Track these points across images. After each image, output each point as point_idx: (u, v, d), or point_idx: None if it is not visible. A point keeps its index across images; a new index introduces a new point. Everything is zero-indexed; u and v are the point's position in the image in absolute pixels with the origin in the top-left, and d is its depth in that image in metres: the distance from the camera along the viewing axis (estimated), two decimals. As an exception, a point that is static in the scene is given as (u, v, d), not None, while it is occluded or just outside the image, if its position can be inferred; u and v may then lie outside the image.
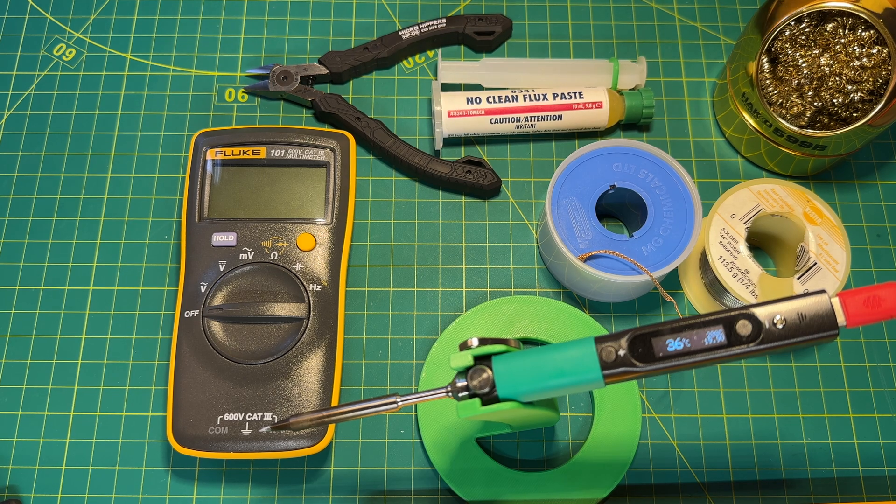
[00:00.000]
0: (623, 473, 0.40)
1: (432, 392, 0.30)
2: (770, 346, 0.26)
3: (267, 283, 0.41)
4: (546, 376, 0.28)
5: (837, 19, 0.41)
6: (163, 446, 0.41)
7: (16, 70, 0.49)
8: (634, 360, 0.26)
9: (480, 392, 0.28)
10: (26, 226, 0.46)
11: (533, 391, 0.28)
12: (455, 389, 0.29)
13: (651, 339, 0.26)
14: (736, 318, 0.26)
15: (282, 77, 0.48)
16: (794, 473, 0.41)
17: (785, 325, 0.25)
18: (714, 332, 0.26)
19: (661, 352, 0.26)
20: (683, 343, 0.26)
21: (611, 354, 0.27)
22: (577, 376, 0.27)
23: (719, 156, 0.48)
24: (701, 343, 0.26)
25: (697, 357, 0.26)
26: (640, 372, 0.26)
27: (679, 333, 0.26)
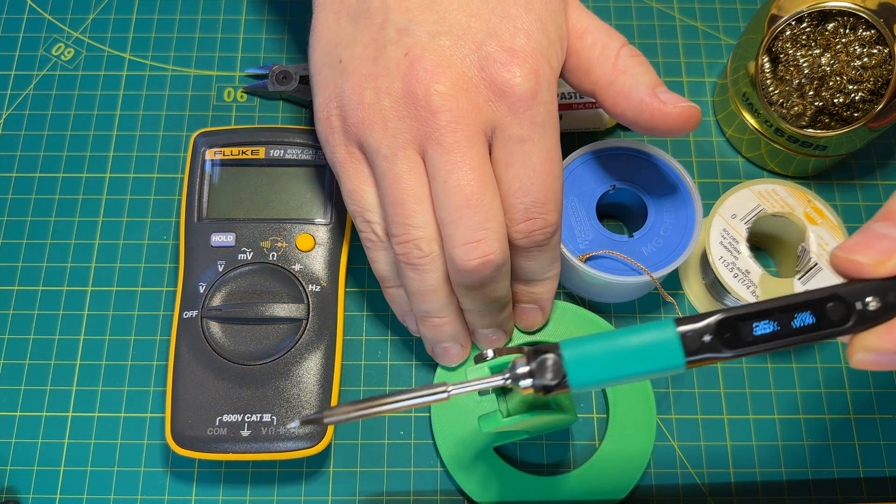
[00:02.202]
0: (641, 472, 0.40)
1: (487, 380, 0.28)
2: (864, 328, 0.24)
3: (266, 283, 0.40)
4: (623, 364, 0.26)
5: (838, 19, 0.41)
6: (161, 447, 0.41)
7: (14, 70, 0.49)
8: (722, 346, 0.24)
9: (548, 382, 0.26)
10: (24, 226, 0.46)
11: (608, 380, 0.26)
12: (516, 376, 0.27)
13: (739, 323, 0.24)
14: (824, 300, 0.24)
15: (281, 77, 0.48)
16: (795, 474, 0.41)
17: (880, 306, 0.24)
18: (802, 315, 0.24)
19: (749, 336, 0.24)
20: (772, 326, 0.24)
21: (695, 341, 0.25)
22: (658, 363, 0.25)
23: (720, 156, 0.48)
24: (790, 326, 0.24)
25: (788, 339, 0.24)
26: (726, 358, 0.25)
27: (767, 316, 0.24)
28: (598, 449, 0.41)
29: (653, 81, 0.36)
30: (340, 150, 0.36)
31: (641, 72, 0.36)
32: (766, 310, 0.24)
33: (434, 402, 0.27)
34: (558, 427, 0.37)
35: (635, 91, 0.36)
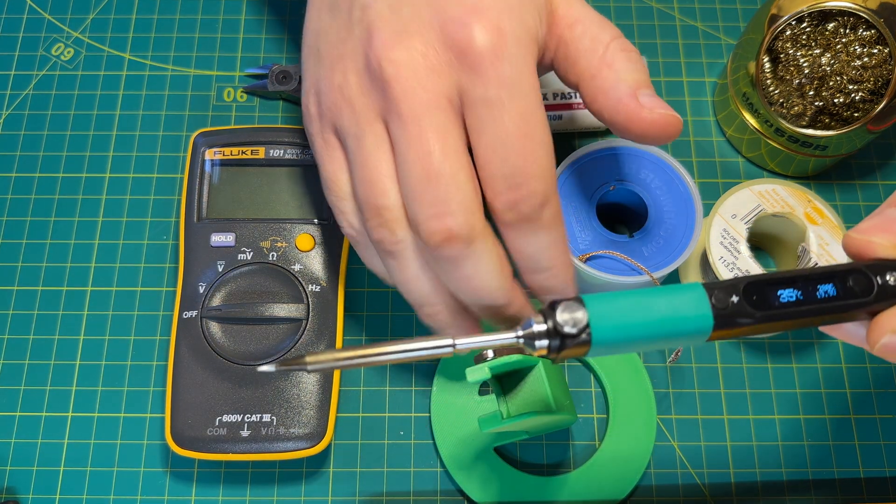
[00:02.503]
0: (641, 472, 0.40)
1: (498, 337, 0.25)
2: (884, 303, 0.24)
3: (266, 283, 0.40)
4: (650, 322, 0.24)
5: (838, 19, 0.41)
6: (161, 447, 0.41)
7: (14, 70, 0.49)
8: (750, 306, 0.24)
9: (568, 331, 0.24)
10: (24, 226, 0.46)
11: (632, 338, 0.24)
12: (532, 335, 0.24)
13: (765, 288, 0.24)
14: (846, 273, 0.24)
15: (281, 77, 0.47)
16: (795, 475, 0.41)
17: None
18: (826, 286, 0.24)
19: (776, 301, 0.24)
20: (796, 295, 0.24)
21: (723, 300, 0.24)
22: (686, 323, 0.24)
23: (720, 156, 0.48)
24: (813, 296, 0.24)
25: (811, 308, 0.24)
26: (753, 322, 0.24)
27: (791, 284, 0.24)
28: (598, 449, 0.40)
29: (637, 81, 0.33)
30: (318, 138, 0.35)
31: (628, 68, 0.33)
32: (790, 278, 0.24)
33: (437, 355, 0.24)
34: (558, 427, 0.37)
35: (615, 88, 0.33)
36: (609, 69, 0.33)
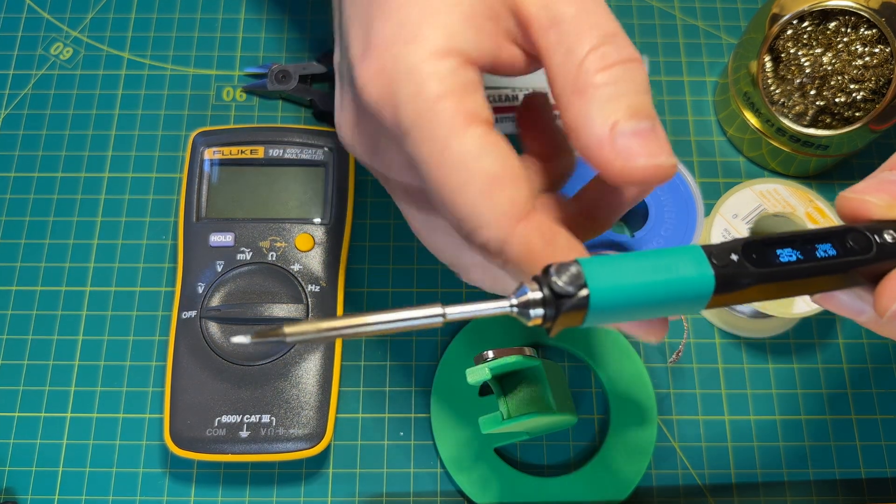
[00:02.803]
0: (642, 473, 0.40)
1: (490, 305, 0.22)
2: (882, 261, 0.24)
3: (265, 283, 0.40)
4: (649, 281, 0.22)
5: (840, 18, 0.41)
6: (160, 448, 0.41)
7: (12, 69, 0.49)
8: (749, 264, 0.23)
9: (565, 291, 0.22)
10: (23, 226, 0.45)
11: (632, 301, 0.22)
12: (526, 303, 0.22)
13: (764, 248, 0.23)
14: (844, 232, 0.24)
15: (280, 76, 0.47)
16: (797, 475, 0.41)
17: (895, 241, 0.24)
18: (825, 246, 0.24)
19: (775, 260, 0.23)
20: (796, 255, 0.23)
21: (722, 258, 0.23)
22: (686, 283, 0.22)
23: (721, 155, 0.48)
24: (813, 255, 0.23)
25: (810, 266, 0.23)
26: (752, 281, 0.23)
27: (790, 244, 0.23)
28: (598, 450, 0.40)
29: (614, 113, 0.24)
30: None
31: (606, 95, 0.25)
32: (788, 238, 0.24)
33: (427, 325, 0.22)
34: (559, 428, 0.37)
35: (585, 127, 0.25)
36: (580, 98, 0.25)
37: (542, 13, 0.26)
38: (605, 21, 0.26)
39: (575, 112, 0.25)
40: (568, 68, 0.25)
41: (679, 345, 0.41)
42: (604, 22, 0.25)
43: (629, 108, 0.24)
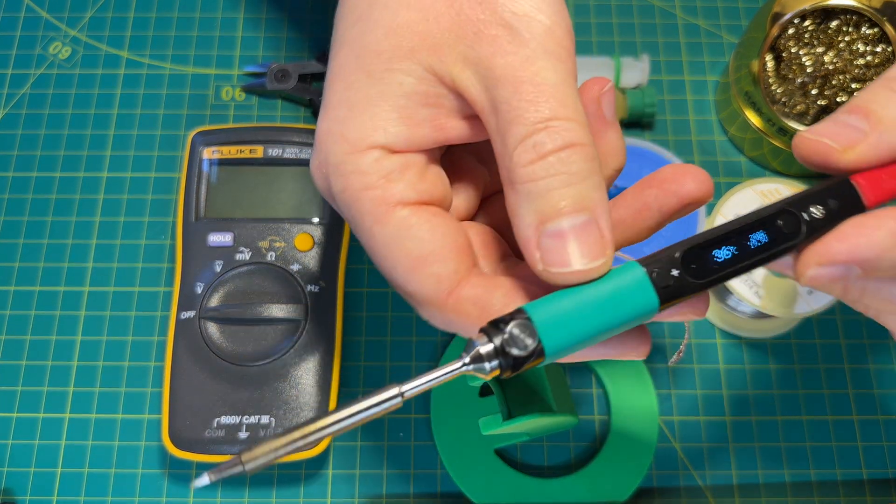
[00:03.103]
0: (643, 474, 0.40)
1: (443, 371, 0.22)
2: (814, 238, 0.24)
3: (264, 283, 0.40)
4: (597, 317, 0.23)
5: (841, 17, 0.41)
6: (159, 449, 0.41)
7: (11, 69, 0.49)
8: (690, 277, 0.23)
9: (518, 354, 0.22)
10: (21, 226, 0.45)
11: (585, 338, 0.23)
12: (479, 357, 0.22)
13: (701, 252, 0.24)
14: (774, 216, 0.24)
15: (280, 75, 0.47)
16: (798, 476, 0.41)
17: (824, 214, 0.24)
18: (756, 235, 0.24)
19: (712, 263, 0.24)
20: (731, 251, 0.24)
21: (664, 277, 0.23)
22: (633, 310, 0.23)
23: (722, 155, 0.47)
24: (747, 247, 0.24)
25: (747, 262, 0.24)
26: (696, 289, 0.23)
27: (725, 242, 0.24)
28: (599, 451, 0.40)
29: (542, 209, 0.23)
30: None
31: (533, 191, 0.23)
32: (722, 235, 0.24)
33: (387, 409, 0.22)
34: (559, 429, 0.37)
35: (516, 223, 0.24)
36: (511, 191, 0.24)
37: (482, 97, 0.25)
38: (546, 101, 0.24)
39: (509, 204, 0.25)
40: (502, 158, 0.24)
41: (680, 345, 0.41)
42: (543, 103, 0.24)
43: (555, 206, 0.23)
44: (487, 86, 0.24)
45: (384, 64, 0.26)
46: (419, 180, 0.26)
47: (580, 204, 0.23)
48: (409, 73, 0.26)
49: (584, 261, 0.23)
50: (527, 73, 0.24)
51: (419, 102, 0.26)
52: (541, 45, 0.24)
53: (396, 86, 0.26)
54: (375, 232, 0.26)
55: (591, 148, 0.24)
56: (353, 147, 0.26)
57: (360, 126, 0.26)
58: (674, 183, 0.25)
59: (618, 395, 0.41)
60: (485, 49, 0.24)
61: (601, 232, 0.23)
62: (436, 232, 0.25)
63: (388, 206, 0.25)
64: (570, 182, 0.23)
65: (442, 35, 0.25)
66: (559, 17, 0.25)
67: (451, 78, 0.25)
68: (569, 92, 0.24)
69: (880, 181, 0.25)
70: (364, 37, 0.26)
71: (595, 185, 0.24)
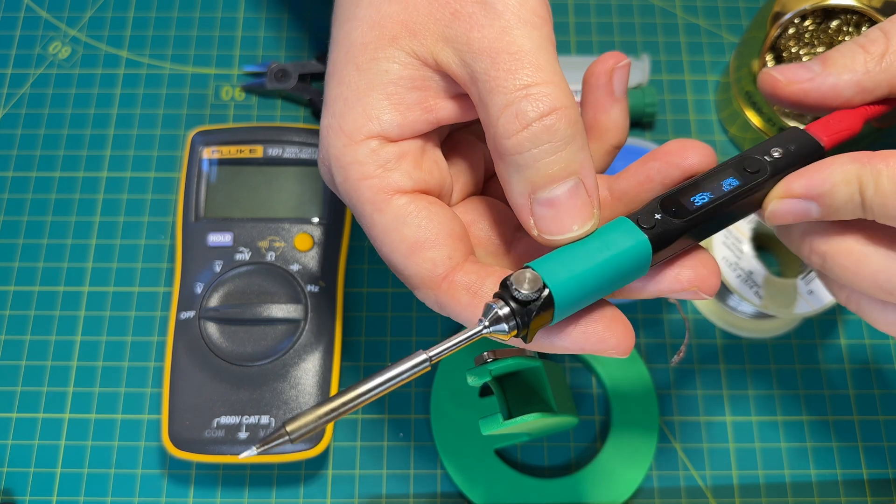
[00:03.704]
0: (644, 474, 0.39)
1: (466, 335, 0.24)
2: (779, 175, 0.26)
3: (264, 283, 0.40)
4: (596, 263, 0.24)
5: (842, 16, 0.41)
6: (158, 450, 0.41)
7: (10, 68, 0.49)
8: (672, 217, 0.25)
9: (529, 296, 0.23)
10: (21, 226, 0.45)
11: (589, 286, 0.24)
12: (495, 320, 0.23)
13: (679, 198, 0.25)
14: (739, 162, 0.26)
15: (279, 75, 0.47)
16: (799, 477, 0.41)
17: (782, 154, 0.27)
18: (728, 180, 0.26)
19: (692, 206, 0.25)
20: (707, 196, 0.25)
21: (648, 220, 0.25)
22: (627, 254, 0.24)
23: (722, 154, 0.47)
24: (721, 190, 0.26)
25: (723, 203, 0.26)
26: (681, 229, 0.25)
27: (699, 188, 0.26)
28: (599, 451, 0.40)
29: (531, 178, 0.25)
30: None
31: (520, 162, 0.25)
32: (696, 182, 0.26)
33: (417, 374, 0.23)
34: (559, 429, 0.37)
35: (508, 191, 0.26)
36: (500, 162, 0.25)
37: (464, 72, 0.26)
38: (523, 68, 0.24)
39: (500, 174, 0.26)
40: (488, 129, 0.25)
41: (681, 345, 0.41)
42: (521, 70, 0.24)
43: (544, 175, 0.24)
44: (467, 60, 0.25)
45: (370, 54, 0.27)
46: (415, 168, 0.27)
47: (567, 169, 0.24)
48: (393, 60, 0.27)
49: (576, 226, 0.25)
50: (502, 42, 0.25)
51: (407, 87, 0.27)
52: (515, 15, 0.25)
53: (383, 73, 0.27)
54: (375, 219, 0.27)
55: (573, 109, 0.25)
56: (350, 139, 0.27)
57: (354, 118, 0.27)
58: (677, 155, 0.27)
59: (618, 396, 0.41)
60: (462, 26, 0.25)
61: (588, 192, 0.25)
62: (432, 219, 0.27)
63: (386, 194, 0.27)
64: (555, 149, 0.24)
65: (421, 20, 0.26)
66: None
67: (433, 58, 0.26)
68: (546, 56, 0.25)
69: (829, 125, 0.28)
70: (352, 34, 0.28)
71: (579, 147, 0.25)
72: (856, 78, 0.27)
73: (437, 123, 0.28)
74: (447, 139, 0.31)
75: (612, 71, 0.29)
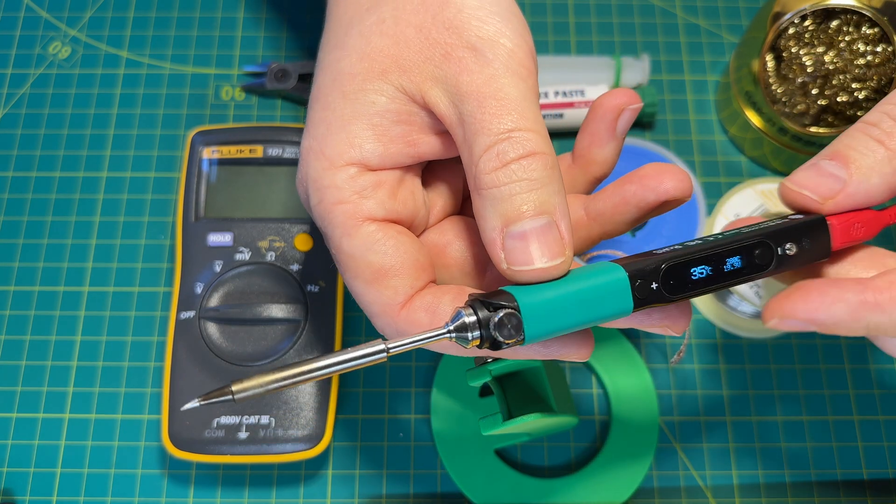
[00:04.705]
0: (644, 474, 0.39)
1: (427, 335, 0.24)
2: (780, 270, 0.26)
3: (264, 283, 0.40)
4: (578, 313, 0.24)
5: (842, 16, 0.41)
6: (158, 450, 0.41)
7: (10, 68, 0.49)
8: (666, 292, 0.25)
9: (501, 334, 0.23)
10: (21, 226, 0.45)
11: (562, 328, 0.24)
12: (460, 328, 0.23)
13: (681, 269, 0.25)
14: (752, 247, 0.26)
15: (279, 75, 0.47)
16: (798, 477, 0.41)
17: (796, 251, 0.26)
18: (732, 260, 0.26)
19: (688, 281, 0.25)
20: (707, 271, 0.25)
21: (644, 289, 0.25)
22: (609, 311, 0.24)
23: (722, 155, 0.47)
24: (721, 270, 0.25)
25: (718, 283, 0.26)
26: (667, 302, 0.25)
27: (704, 262, 0.25)
28: (599, 451, 0.40)
29: (505, 212, 0.25)
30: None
31: (496, 196, 0.25)
32: (704, 257, 0.25)
33: (371, 362, 0.23)
34: (560, 429, 0.37)
35: (481, 226, 0.26)
36: (477, 197, 0.26)
37: (451, 111, 0.26)
38: (508, 114, 0.25)
39: (476, 209, 0.26)
40: (469, 167, 0.26)
41: (681, 345, 0.41)
42: (506, 115, 0.25)
43: (517, 210, 0.25)
44: (455, 101, 0.26)
45: (358, 85, 0.27)
46: (389, 198, 0.28)
47: (541, 208, 0.25)
48: (381, 93, 0.27)
49: (545, 259, 0.24)
50: (490, 89, 0.25)
51: (392, 120, 0.27)
52: (503, 64, 0.26)
53: (370, 104, 0.27)
54: (343, 243, 0.27)
55: (551, 157, 0.25)
56: (330, 163, 0.28)
57: (336, 143, 0.28)
58: (653, 180, 0.27)
59: (618, 396, 0.41)
60: (452, 69, 0.26)
61: (561, 233, 0.25)
62: (399, 248, 0.27)
63: (357, 220, 0.27)
64: (531, 188, 0.25)
65: (412, 58, 0.27)
66: (521, 40, 0.27)
67: (421, 96, 0.27)
68: (530, 106, 0.26)
69: (850, 230, 0.27)
70: (340, 62, 0.28)
71: (554, 191, 0.25)
72: (886, 181, 0.26)
73: (419, 158, 0.28)
74: (430, 163, 0.31)
75: (622, 110, 0.29)
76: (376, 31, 0.28)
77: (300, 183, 0.29)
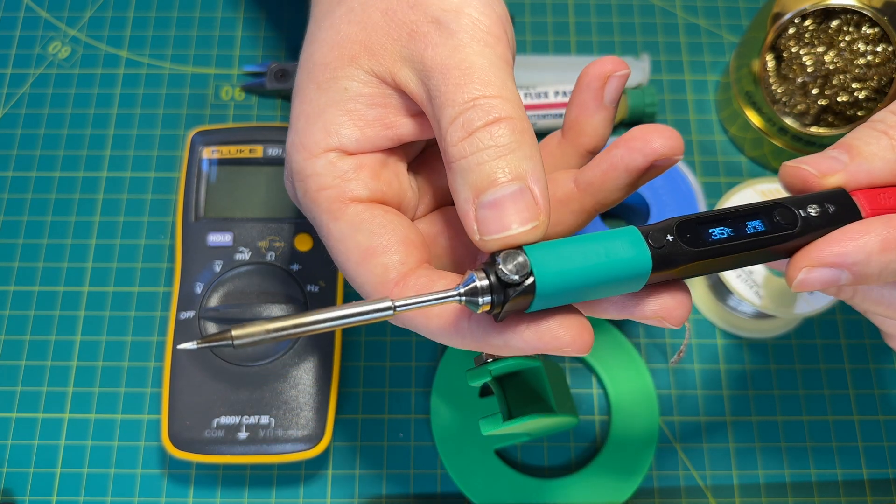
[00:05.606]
0: (644, 474, 0.39)
1: (438, 294, 0.23)
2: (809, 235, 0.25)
3: (264, 283, 0.40)
4: (591, 265, 0.23)
5: (842, 16, 0.41)
6: (158, 450, 0.41)
7: (10, 68, 0.49)
8: (684, 244, 0.24)
9: (511, 279, 0.22)
10: (20, 226, 0.45)
11: (576, 284, 0.23)
12: (471, 291, 0.23)
13: (697, 227, 0.24)
14: (772, 208, 0.25)
15: (279, 74, 0.47)
16: (798, 477, 0.41)
17: (819, 214, 0.25)
18: (754, 223, 0.25)
19: (708, 238, 0.24)
20: (727, 232, 0.24)
21: (658, 240, 0.24)
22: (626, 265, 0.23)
23: (722, 155, 0.47)
24: (743, 231, 0.25)
25: (742, 244, 0.24)
26: (688, 259, 0.24)
27: (721, 223, 0.25)
28: (599, 451, 0.40)
29: (475, 182, 0.24)
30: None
31: (465, 167, 0.24)
32: (720, 216, 0.25)
33: (377, 318, 0.22)
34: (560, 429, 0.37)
35: (455, 198, 0.25)
36: (449, 170, 0.25)
37: (420, 89, 0.26)
38: (472, 83, 0.25)
39: (450, 184, 0.25)
40: (440, 143, 0.26)
41: (681, 345, 0.41)
42: (470, 84, 0.25)
43: (486, 178, 0.24)
44: (422, 78, 0.26)
45: (330, 73, 0.28)
46: (373, 179, 0.28)
47: (512, 174, 0.24)
48: (352, 79, 0.27)
49: (518, 225, 0.23)
50: (454, 59, 0.25)
51: (366, 104, 0.28)
52: (468, 34, 0.25)
53: (342, 91, 0.27)
54: (331, 227, 0.27)
55: (520, 121, 0.25)
56: (309, 153, 0.28)
57: (313, 133, 0.28)
58: (639, 141, 0.26)
59: (618, 396, 0.41)
60: (418, 45, 0.26)
61: (535, 198, 0.24)
62: (386, 227, 0.27)
63: (342, 202, 0.27)
64: (498, 154, 0.24)
65: (379, 40, 0.27)
66: (488, 8, 0.26)
67: (391, 77, 0.27)
68: (497, 73, 0.25)
69: (878, 197, 0.26)
70: (313, 55, 0.29)
71: (525, 155, 0.24)
72: (890, 167, 0.26)
73: (399, 140, 0.28)
74: (420, 154, 0.31)
75: (608, 77, 0.28)
76: (345, 20, 0.28)
77: (287, 179, 0.30)
